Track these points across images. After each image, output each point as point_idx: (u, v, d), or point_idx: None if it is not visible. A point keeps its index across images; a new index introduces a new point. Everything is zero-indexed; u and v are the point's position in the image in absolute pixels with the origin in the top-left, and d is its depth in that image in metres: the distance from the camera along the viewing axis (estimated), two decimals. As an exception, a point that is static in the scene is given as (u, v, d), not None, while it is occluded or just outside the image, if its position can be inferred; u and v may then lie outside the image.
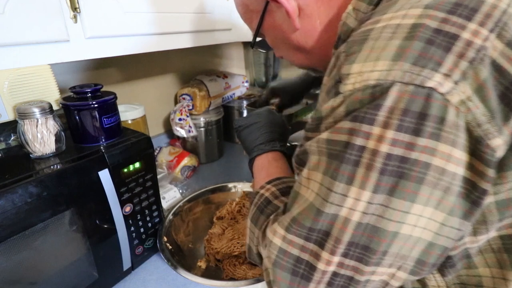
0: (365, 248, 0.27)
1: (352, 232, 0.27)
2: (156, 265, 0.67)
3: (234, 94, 1.22)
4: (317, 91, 0.77)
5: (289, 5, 0.38)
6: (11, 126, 0.55)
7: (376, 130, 0.25)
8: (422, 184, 0.25)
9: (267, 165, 0.51)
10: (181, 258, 0.64)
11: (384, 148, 0.25)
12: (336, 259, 0.28)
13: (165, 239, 0.64)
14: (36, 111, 0.50)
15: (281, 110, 0.70)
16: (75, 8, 0.51)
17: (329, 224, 0.28)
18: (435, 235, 0.26)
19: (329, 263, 0.29)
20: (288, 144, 0.75)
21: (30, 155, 0.52)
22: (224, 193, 0.82)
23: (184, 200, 0.75)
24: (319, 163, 0.29)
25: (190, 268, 0.63)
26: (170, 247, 0.63)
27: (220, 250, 0.66)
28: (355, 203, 0.26)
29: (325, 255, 0.29)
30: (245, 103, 1.23)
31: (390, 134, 0.25)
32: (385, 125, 0.25)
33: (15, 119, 0.53)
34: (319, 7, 0.39)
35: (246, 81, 1.28)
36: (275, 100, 0.71)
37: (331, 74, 0.31)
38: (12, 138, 0.56)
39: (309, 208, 0.29)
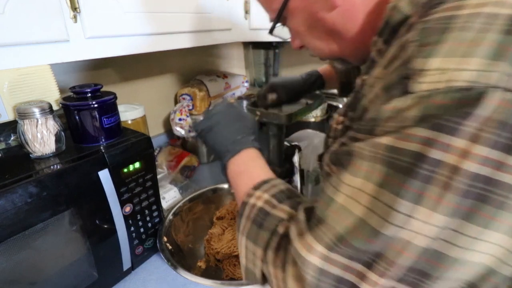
0: (422, 273, 0.24)
1: (413, 257, 0.23)
2: (156, 265, 0.67)
3: (234, 94, 1.22)
4: (317, 92, 0.77)
5: None
6: (11, 126, 0.55)
7: (460, 143, 0.21)
8: (502, 209, 0.21)
9: (245, 167, 0.42)
10: (181, 258, 0.64)
11: (469, 166, 0.21)
12: (385, 282, 0.25)
13: (165, 239, 0.64)
14: (36, 111, 0.50)
15: (280, 106, 0.70)
16: (75, 8, 0.51)
17: (385, 246, 0.24)
18: (500, 263, 0.23)
19: (375, 285, 0.25)
20: (288, 144, 0.75)
21: (30, 155, 0.52)
22: (224, 193, 0.82)
23: (184, 200, 0.75)
24: (373, 172, 0.25)
25: (190, 268, 0.63)
26: (170, 247, 0.63)
27: (220, 250, 0.66)
28: (422, 226, 0.23)
29: (372, 276, 0.25)
30: (245, 103, 1.23)
31: (480, 150, 0.21)
32: (474, 139, 0.21)
33: (15, 119, 0.53)
34: None
35: (246, 81, 1.28)
36: (273, 96, 0.71)
37: (390, 67, 0.27)
38: (12, 138, 0.56)
39: (361, 227, 0.25)
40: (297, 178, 0.75)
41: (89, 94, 0.57)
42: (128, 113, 0.85)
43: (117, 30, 0.58)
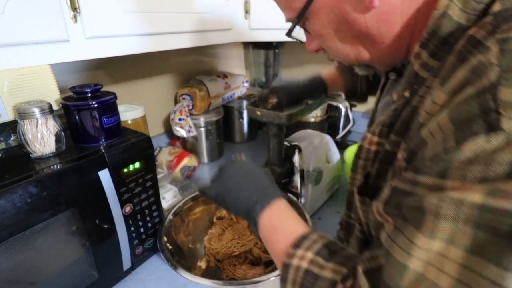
0: None
1: None
2: (156, 265, 0.67)
3: (234, 94, 1.22)
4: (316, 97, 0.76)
5: None
6: (11, 126, 0.55)
7: None
8: None
9: (278, 222, 0.40)
10: (181, 258, 0.64)
11: None
12: None
13: (165, 239, 0.64)
14: (36, 111, 0.50)
15: (280, 110, 0.70)
16: (75, 8, 0.51)
17: None
18: None
19: None
20: (288, 144, 0.75)
21: (30, 155, 0.52)
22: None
23: (184, 200, 0.75)
24: (459, 235, 0.20)
25: (190, 268, 0.63)
26: (170, 247, 0.63)
27: (220, 250, 0.66)
28: None
29: None
30: (245, 103, 1.23)
31: None
32: None
33: (15, 119, 0.53)
34: None
35: (246, 81, 1.28)
36: (273, 100, 0.70)
37: (460, 94, 0.22)
38: (12, 138, 0.56)
39: None
40: (297, 178, 0.75)
41: (89, 94, 0.57)
42: (128, 113, 0.85)
43: (117, 30, 0.58)
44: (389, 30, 0.33)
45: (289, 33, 0.42)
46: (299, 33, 0.43)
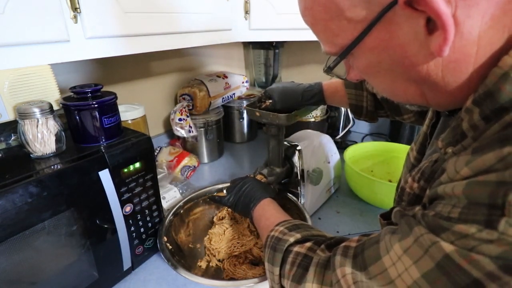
0: None
1: None
2: (156, 265, 0.67)
3: (234, 94, 1.22)
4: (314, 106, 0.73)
5: (445, 15, 0.23)
6: (12, 126, 0.55)
7: None
8: None
9: (263, 212, 0.57)
10: (181, 258, 0.64)
11: None
12: None
13: (165, 239, 0.64)
14: (37, 111, 0.50)
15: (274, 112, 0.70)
16: (75, 8, 0.51)
17: None
18: None
19: None
20: (288, 144, 0.75)
21: (31, 155, 0.52)
22: (224, 193, 0.82)
23: (184, 200, 0.75)
24: (423, 262, 0.26)
25: (190, 268, 0.63)
26: (170, 247, 0.63)
27: (220, 250, 0.66)
28: None
29: None
30: (245, 103, 1.23)
31: None
32: None
33: (15, 119, 0.53)
34: (488, 25, 0.24)
35: (246, 81, 1.28)
36: (267, 103, 0.70)
37: (481, 175, 0.23)
38: (12, 138, 0.56)
39: None
40: (297, 178, 0.76)
41: (90, 94, 0.57)
42: (128, 113, 0.85)
43: (117, 30, 0.58)
44: (456, 80, 0.28)
45: (328, 71, 0.36)
46: (342, 68, 0.37)
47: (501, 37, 0.25)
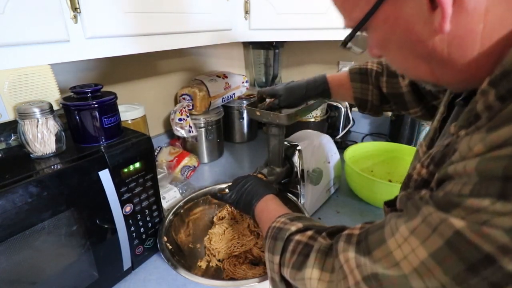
0: None
1: None
2: (156, 265, 0.67)
3: (234, 94, 1.22)
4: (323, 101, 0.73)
5: None
6: (12, 126, 0.55)
7: None
8: None
9: (265, 207, 0.57)
10: (181, 258, 0.64)
11: None
12: None
13: (165, 239, 0.64)
14: (37, 111, 0.50)
15: (278, 110, 0.70)
16: (75, 8, 0.51)
17: None
18: None
19: None
20: (288, 144, 0.75)
21: (31, 155, 0.52)
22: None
23: (184, 200, 0.75)
24: (431, 241, 0.25)
25: (190, 268, 0.63)
26: (170, 247, 0.63)
27: (220, 250, 0.66)
28: None
29: None
30: (245, 103, 1.23)
31: None
32: None
33: (15, 119, 0.53)
34: (496, 1, 0.25)
35: (246, 81, 1.28)
36: (267, 101, 0.70)
37: (495, 151, 0.23)
38: (12, 138, 0.56)
39: (402, 283, 0.27)
40: (297, 178, 0.75)
41: (90, 94, 0.58)
42: (128, 113, 0.85)
43: (117, 30, 0.58)
44: (463, 56, 0.28)
45: (344, 44, 0.38)
46: (362, 43, 0.38)
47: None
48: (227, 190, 0.65)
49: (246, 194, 0.61)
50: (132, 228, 0.61)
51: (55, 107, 0.56)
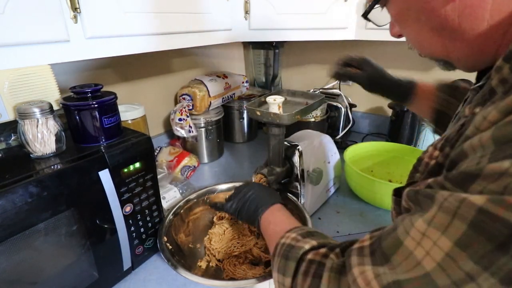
0: None
1: None
2: (156, 265, 0.67)
3: (234, 94, 1.22)
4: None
5: None
6: (12, 126, 0.55)
7: None
8: None
9: (272, 218, 0.53)
10: (181, 258, 0.64)
11: None
12: None
13: (165, 239, 0.64)
14: (37, 111, 0.50)
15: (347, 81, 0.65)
16: (75, 8, 0.51)
17: None
18: None
19: None
20: (288, 144, 0.75)
21: (31, 155, 0.52)
22: (224, 193, 0.82)
23: (184, 200, 0.75)
24: (452, 228, 0.23)
25: (190, 268, 0.63)
26: (170, 247, 0.63)
27: (220, 250, 0.66)
28: None
29: None
30: (245, 103, 1.23)
31: None
32: None
33: (15, 119, 0.53)
34: None
35: (246, 81, 1.28)
36: (353, 69, 0.64)
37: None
38: (12, 138, 0.56)
39: (425, 283, 0.24)
40: (297, 178, 0.76)
41: (90, 94, 0.58)
42: (128, 113, 0.86)
43: (118, 30, 0.58)
44: (472, 26, 0.29)
45: (365, 15, 0.40)
46: (383, 18, 0.41)
47: None
48: (225, 199, 0.62)
49: (250, 202, 0.58)
50: (132, 228, 0.61)
51: (55, 107, 0.56)
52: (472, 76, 0.38)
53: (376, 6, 0.38)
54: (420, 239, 0.25)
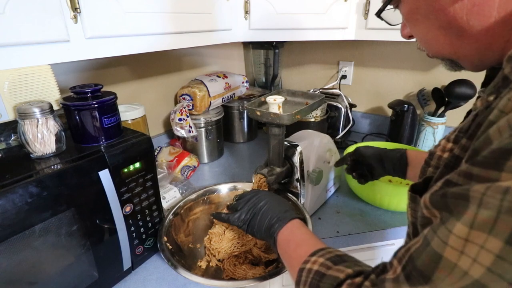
0: None
1: None
2: (156, 265, 0.67)
3: (234, 94, 1.22)
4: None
5: None
6: (12, 126, 0.55)
7: None
8: None
9: (292, 236, 0.47)
10: (181, 258, 0.64)
11: None
12: None
13: (165, 239, 0.64)
14: (37, 111, 0.50)
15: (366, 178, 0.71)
16: (76, 8, 0.51)
17: None
18: None
19: None
20: (288, 144, 0.75)
21: (31, 155, 0.52)
22: (224, 193, 0.82)
23: (184, 200, 0.75)
24: (500, 225, 0.20)
25: (190, 268, 0.63)
26: (170, 247, 0.63)
27: (220, 250, 0.66)
28: None
29: None
30: (245, 103, 1.23)
31: None
32: None
33: (15, 119, 0.53)
34: None
35: (246, 81, 1.28)
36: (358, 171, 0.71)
37: None
38: (12, 138, 0.56)
39: None
40: (297, 178, 0.75)
41: (90, 94, 0.57)
42: (128, 113, 0.86)
43: (118, 30, 0.58)
44: (480, 24, 0.30)
45: (378, 14, 0.41)
46: (396, 17, 0.42)
47: None
48: (228, 208, 0.59)
49: (262, 215, 0.52)
50: (132, 228, 0.61)
51: (55, 107, 0.56)
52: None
53: (389, 7, 0.39)
54: (463, 247, 0.22)
